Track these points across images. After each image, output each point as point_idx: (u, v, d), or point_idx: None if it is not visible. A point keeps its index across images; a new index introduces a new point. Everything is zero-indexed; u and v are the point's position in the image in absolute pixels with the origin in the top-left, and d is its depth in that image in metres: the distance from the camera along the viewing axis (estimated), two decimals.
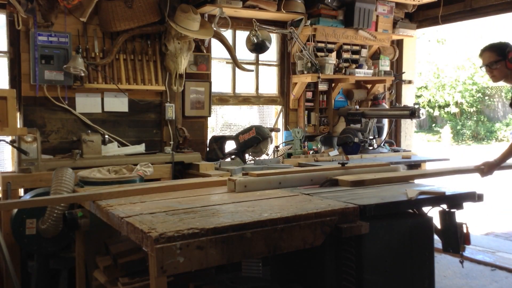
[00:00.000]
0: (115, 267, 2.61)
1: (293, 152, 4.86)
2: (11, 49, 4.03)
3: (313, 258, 2.39)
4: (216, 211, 2.16)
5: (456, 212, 2.63)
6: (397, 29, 5.74)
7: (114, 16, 4.13)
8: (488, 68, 3.43)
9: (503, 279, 4.30)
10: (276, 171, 3.20)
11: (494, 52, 3.39)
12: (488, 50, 3.43)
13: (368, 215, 2.23)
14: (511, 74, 3.41)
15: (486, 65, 3.44)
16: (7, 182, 3.50)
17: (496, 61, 3.37)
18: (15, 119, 3.22)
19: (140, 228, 1.86)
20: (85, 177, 3.08)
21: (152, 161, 3.87)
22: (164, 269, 1.71)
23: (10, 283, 3.03)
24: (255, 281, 2.55)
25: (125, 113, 4.41)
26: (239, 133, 4.52)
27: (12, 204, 2.96)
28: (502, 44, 3.41)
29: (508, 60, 3.34)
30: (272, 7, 4.82)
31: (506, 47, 3.37)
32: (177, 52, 4.33)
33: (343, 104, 5.74)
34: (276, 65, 5.48)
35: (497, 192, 7.89)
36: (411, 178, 3.23)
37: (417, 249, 2.41)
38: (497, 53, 3.37)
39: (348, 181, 2.87)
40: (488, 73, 3.49)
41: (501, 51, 3.37)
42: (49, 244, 3.25)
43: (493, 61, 3.38)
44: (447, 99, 19.45)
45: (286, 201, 2.38)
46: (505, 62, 3.36)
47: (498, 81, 3.55)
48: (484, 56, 3.47)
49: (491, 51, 3.41)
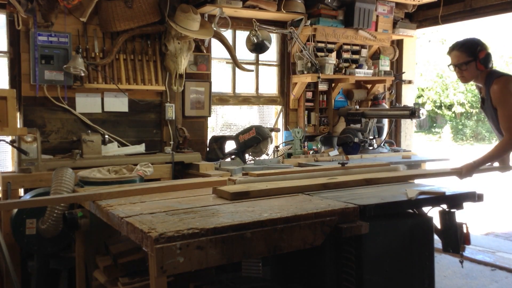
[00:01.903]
0: (115, 267, 2.61)
1: (293, 152, 4.86)
2: (11, 49, 4.03)
3: (313, 258, 2.39)
4: (216, 211, 2.16)
5: (456, 212, 2.63)
6: (397, 29, 5.74)
7: (114, 16, 4.13)
8: (457, 68, 3.21)
9: (503, 279, 4.30)
10: (276, 171, 3.20)
11: (464, 52, 3.16)
12: (457, 50, 3.19)
13: (368, 215, 2.23)
14: (481, 74, 3.20)
15: (455, 65, 3.22)
16: (7, 182, 3.50)
17: (466, 62, 3.15)
18: (15, 119, 3.22)
19: (140, 228, 1.86)
20: (85, 177, 3.08)
21: (152, 161, 3.87)
22: (164, 269, 1.71)
23: (10, 283, 3.03)
24: (255, 281, 2.55)
25: (125, 113, 4.41)
26: (239, 133, 4.52)
27: (12, 204, 2.96)
28: (473, 43, 3.18)
29: (479, 61, 3.13)
30: (272, 7, 4.82)
31: (477, 46, 3.14)
32: (177, 52, 4.33)
33: (343, 104, 5.74)
34: (276, 65, 5.48)
35: (497, 192, 7.90)
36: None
37: (417, 249, 2.41)
38: (467, 53, 3.15)
39: (229, 193, 2.46)
40: (457, 74, 3.25)
41: (471, 51, 3.14)
42: (49, 244, 3.25)
43: (462, 62, 3.15)
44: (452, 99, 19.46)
45: (286, 201, 2.38)
46: (476, 63, 3.14)
47: (468, 82, 3.36)
48: (453, 56, 3.23)
49: (461, 50, 3.17)
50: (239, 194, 2.46)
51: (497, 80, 3.12)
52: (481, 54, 3.12)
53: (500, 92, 3.08)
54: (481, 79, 3.21)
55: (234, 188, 2.58)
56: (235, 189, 2.52)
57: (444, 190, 2.66)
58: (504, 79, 3.11)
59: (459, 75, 3.25)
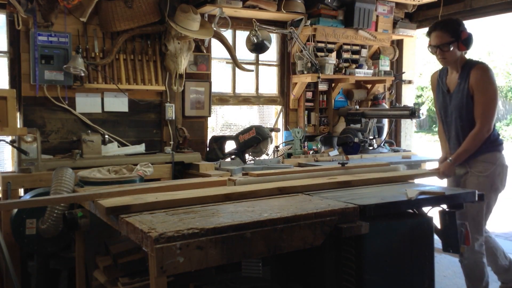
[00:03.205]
0: (115, 267, 2.61)
1: (293, 152, 4.86)
2: (11, 49, 4.03)
3: (313, 258, 2.39)
4: (216, 211, 2.16)
5: (456, 212, 2.63)
6: (397, 29, 5.74)
7: (114, 16, 4.13)
8: (438, 49, 3.10)
9: None
10: (276, 171, 3.20)
11: (447, 32, 3.05)
12: (439, 30, 3.08)
13: (368, 215, 2.23)
14: (461, 56, 3.12)
15: (437, 46, 3.10)
16: (7, 182, 3.50)
17: (449, 43, 3.05)
18: (15, 119, 3.22)
19: (140, 228, 1.86)
20: (85, 177, 3.08)
21: (152, 161, 3.87)
22: (164, 269, 1.71)
23: (10, 283, 3.03)
24: (255, 281, 2.55)
25: (125, 113, 4.41)
26: (239, 133, 4.52)
27: (12, 204, 2.96)
28: (455, 23, 3.09)
29: (461, 41, 3.04)
30: (272, 7, 4.82)
31: (459, 26, 3.06)
32: (177, 52, 4.33)
33: (343, 104, 5.74)
34: (276, 65, 5.48)
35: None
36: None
37: (417, 249, 2.41)
38: (450, 34, 3.05)
39: (104, 207, 2.15)
40: (438, 55, 3.13)
41: (454, 31, 3.05)
42: (49, 244, 3.25)
43: (445, 42, 3.05)
44: None
45: (286, 201, 2.38)
46: (458, 43, 3.05)
47: (448, 64, 3.21)
48: (434, 36, 3.11)
49: (443, 31, 3.06)
50: (116, 210, 2.11)
51: (480, 66, 3.08)
52: (463, 34, 3.05)
53: (481, 77, 3.03)
54: (459, 63, 3.14)
55: (113, 202, 2.22)
56: (113, 203, 2.16)
57: (444, 190, 2.66)
58: (486, 66, 3.09)
59: (440, 57, 3.13)
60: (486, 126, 3.03)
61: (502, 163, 3.14)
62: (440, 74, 3.34)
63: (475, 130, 3.06)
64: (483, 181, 3.08)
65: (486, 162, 3.11)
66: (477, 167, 3.12)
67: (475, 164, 3.14)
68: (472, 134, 3.07)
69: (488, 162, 3.10)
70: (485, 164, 3.11)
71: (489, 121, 3.04)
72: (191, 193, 2.51)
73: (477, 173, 3.10)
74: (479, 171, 3.10)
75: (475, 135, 3.06)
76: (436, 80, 3.37)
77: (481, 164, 3.11)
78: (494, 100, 3.06)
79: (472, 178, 3.12)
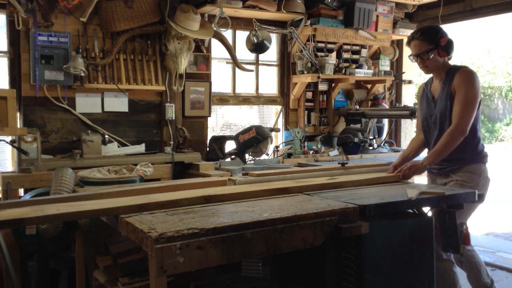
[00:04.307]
0: (115, 267, 2.61)
1: (293, 152, 4.86)
2: (11, 49, 4.03)
3: (313, 258, 2.39)
4: (216, 211, 2.16)
5: (456, 212, 2.62)
6: (397, 29, 5.74)
7: (114, 16, 4.13)
8: (419, 58, 3.06)
9: (503, 279, 4.30)
10: (276, 171, 3.20)
11: (425, 41, 3.00)
12: (417, 39, 3.03)
13: (368, 215, 2.23)
14: (443, 65, 3.07)
15: (417, 55, 3.06)
16: (7, 182, 3.50)
17: (428, 51, 3.00)
18: (15, 119, 3.22)
19: (140, 228, 1.86)
20: (85, 177, 3.08)
21: (152, 161, 3.87)
22: (164, 269, 1.71)
23: (10, 283, 3.03)
24: (255, 281, 2.55)
25: (125, 113, 4.41)
26: (239, 133, 4.52)
27: (12, 204, 2.95)
28: (433, 30, 3.04)
29: (441, 48, 2.99)
30: (272, 7, 4.82)
31: (437, 33, 3.01)
32: (177, 52, 4.33)
33: (343, 104, 5.75)
34: (276, 65, 5.48)
35: (497, 192, 7.90)
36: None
37: (417, 249, 2.41)
38: (428, 41, 3.00)
39: None
40: (420, 64, 3.09)
41: (432, 38, 3.00)
42: (49, 244, 3.25)
43: (424, 51, 3.00)
44: None
45: (286, 201, 2.38)
46: (438, 50, 3.00)
47: (431, 72, 3.16)
48: (413, 46, 3.07)
49: (421, 39, 3.02)
50: (6, 223, 1.99)
51: (464, 69, 3.03)
52: (442, 41, 2.99)
53: (464, 79, 2.96)
54: (442, 70, 3.08)
55: (7, 215, 2.06)
56: (6, 217, 2.01)
57: (444, 190, 2.66)
58: (470, 70, 3.04)
59: (421, 66, 3.09)
60: (460, 126, 2.91)
61: (486, 175, 3.07)
62: (426, 84, 3.30)
63: (448, 130, 2.96)
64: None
65: (472, 172, 3.03)
66: (462, 177, 3.03)
67: (460, 174, 3.05)
68: (445, 134, 2.97)
69: (474, 173, 3.03)
70: (470, 174, 3.03)
71: (465, 122, 2.93)
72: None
73: (462, 182, 3.01)
74: (464, 181, 3.01)
75: (448, 134, 2.95)
76: (422, 90, 3.31)
77: (466, 174, 3.03)
78: (473, 102, 2.95)
79: (456, 186, 3.05)
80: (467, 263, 3.16)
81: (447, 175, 3.11)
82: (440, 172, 3.15)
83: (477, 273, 3.18)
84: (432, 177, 3.27)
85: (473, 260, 3.16)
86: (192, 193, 2.47)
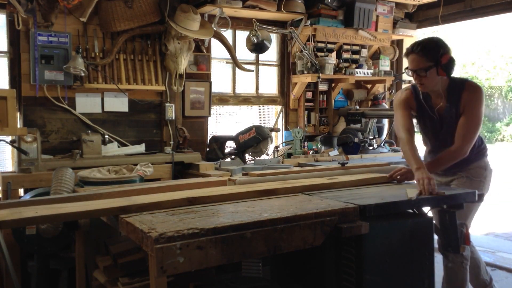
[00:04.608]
0: (115, 267, 2.61)
1: (293, 152, 4.86)
2: (11, 49, 4.03)
3: (313, 258, 2.39)
4: (216, 211, 2.16)
5: (456, 212, 2.62)
6: (397, 29, 5.74)
7: (114, 16, 4.13)
8: (415, 74, 2.80)
9: (503, 279, 4.29)
10: (276, 171, 3.20)
11: (424, 57, 2.74)
12: (417, 53, 2.77)
13: (368, 215, 2.23)
14: (442, 81, 2.83)
15: (414, 71, 2.80)
16: (7, 182, 3.50)
17: (427, 68, 2.73)
18: (15, 119, 3.22)
19: (140, 228, 1.86)
20: (85, 177, 3.08)
21: (152, 161, 3.87)
22: (164, 269, 1.71)
23: (10, 283, 3.03)
24: (255, 281, 2.55)
25: (125, 113, 4.41)
26: (239, 133, 4.52)
27: (12, 204, 2.95)
28: (435, 46, 2.77)
29: (441, 66, 2.73)
30: (272, 7, 4.82)
31: (439, 50, 2.74)
32: (177, 52, 4.33)
33: (343, 104, 5.75)
34: (276, 65, 5.48)
35: (497, 192, 7.90)
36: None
37: (417, 249, 2.41)
38: (428, 58, 2.74)
39: None
40: (416, 80, 2.83)
41: (433, 55, 2.73)
42: (49, 244, 3.24)
43: (422, 67, 2.74)
44: None
45: (286, 201, 2.38)
46: (437, 69, 2.73)
47: (427, 90, 2.90)
48: (411, 60, 2.80)
49: (420, 54, 2.75)
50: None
51: (471, 86, 2.85)
52: (443, 59, 2.73)
53: (473, 99, 2.81)
54: (442, 87, 2.87)
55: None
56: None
57: (444, 190, 2.66)
58: (477, 86, 2.88)
59: (417, 82, 2.84)
60: (463, 149, 2.83)
61: (490, 168, 3.09)
62: (417, 94, 3.03)
63: (453, 148, 2.85)
64: (476, 185, 2.98)
65: (477, 167, 3.03)
66: (469, 172, 3.03)
67: (466, 170, 3.04)
68: (450, 151, 2.86)
69: (479, 167, 3.04)
70: (476, 169, 3.03)
71: (468, 146, 2.84)
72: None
73: (471, 177, 3.01)
74: (472, 175, 3.01)
75: (450, 154, 2.86)
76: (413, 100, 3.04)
77: (472, 169, 3.03)
78: (479, 123, 2.85)
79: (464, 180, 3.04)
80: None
81: (453, 174, 3.12)
82: (446, 173, 3.15)
83: (476, 270, 3.19)
84: (436, 176, 3.26)
85: (472, 256, 3.16)
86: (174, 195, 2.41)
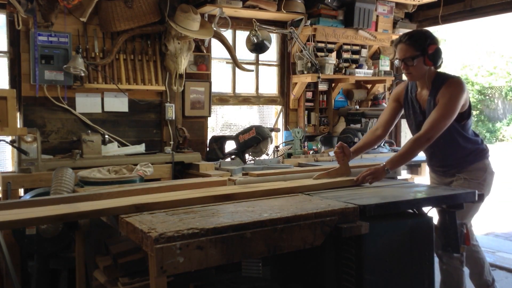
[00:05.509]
0: (115, 267, 2.61)
1: (293, 152, 4.85)
2: (11, 49, 4.03)
3: (313, 258, 2.39)
4: (216, 211, 2.16)
5: (456, 212, 2.62)
6: (397, 29, 5.74)
7: (114, 16, 4.13)
8: (403, 64, 2.89)
9: (503, 279, 4.30)
10: (276, 171, 3.20)
11: (412, 46, 2.84)
12: (404, 43, 2.86)
13: (368, 215, 2.23)
14: (429, 73, 2.89)
15: (401, 60, 2.89)
16: (7, 182, 3.50)
17: (413, 57, 2.83)
18: (15, 119, 3.22)
19: (140, 228, 1.86)
20: (85, 177, 3.08)
21: (152, 161, 3.87)
22: (164, 269, 1.71)
23: (10, 283, 3.03)
24: (255, 281, 2.55)
25: (125, 113, 4.41)
26: (239, 133, 4.52)
27: (12, 204, 2.95)
28: (422, 36, 2.86)
29: (428, 56, 2.82)
30: (272, 7, 4.82)
31: (426, 39, 2.84)
32: (177, 52, 4.33)
33: (343, 104, 5.75)
34: (276, 65, 5.48)
35: (497, 192, 7.89)
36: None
37: (417, 249, 2.41)
38: (415, 47, 2.83)
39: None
40: (404, 69, 2.92)
41: (419, 44, 2.83)
42: (49, 244, 3.25)
43: (409, 56, 2.84)
44: None
45: (286, 201, 2.38)
46: (424, 58, 2.83)
47: (414, 80, 3.00)
48: (399, 49, 2.90)
49: (408, 43, 2.85)
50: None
51: (452, 80, 2.88)
52: (430, 48, 2.83)
53: (449, 91, 2.81)
54: (428, 78, 2.93)
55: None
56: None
57: (444, 189, 2.66)
58: (459, 81, 2.89)
59: (405, 71, 2.92)
60: (428, 134, 2.80)
61: (491, 170, 3.06)
62: (408, 87, 3.12)
63: (415, 136, 2.85)
64: (474, 187, 2.96)
65: (477, 169, 3.02)
66: (468, 175, 3.02)
67: (466, 172, 3.03)
68: (412, 140, 2.86)
69: (479, 170, 3.02)
70: (476, 171, 3.01)
71: (434, 132, 2.80)
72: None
73: (470, 179, 2.99)
74: (471, 178, 3.00)
75: (414, 141, 2.84)
76: (403, 93, 3.14)
77: (472, 172, 3.02)
78: (449, 116, 2.81)
79: (463, 182, 3.03)
80: (472, 258, 3.16)
81: (452, 175, 3.11)
82: (445, 173, 3.14)
83: (480, 269, 3.19)
84: (436, 176, 3.26)
85: (477, 256, 3.16)
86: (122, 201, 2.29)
